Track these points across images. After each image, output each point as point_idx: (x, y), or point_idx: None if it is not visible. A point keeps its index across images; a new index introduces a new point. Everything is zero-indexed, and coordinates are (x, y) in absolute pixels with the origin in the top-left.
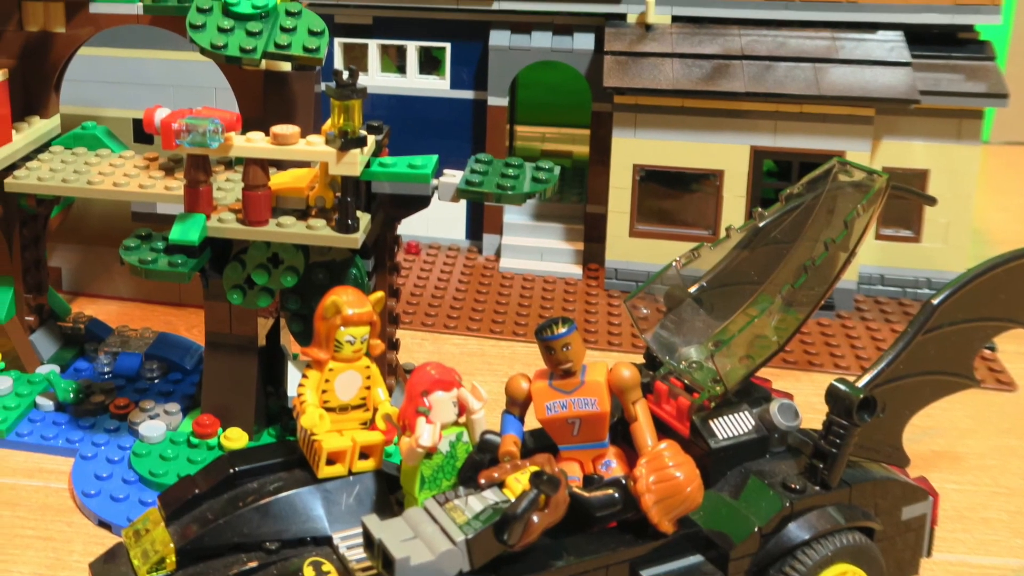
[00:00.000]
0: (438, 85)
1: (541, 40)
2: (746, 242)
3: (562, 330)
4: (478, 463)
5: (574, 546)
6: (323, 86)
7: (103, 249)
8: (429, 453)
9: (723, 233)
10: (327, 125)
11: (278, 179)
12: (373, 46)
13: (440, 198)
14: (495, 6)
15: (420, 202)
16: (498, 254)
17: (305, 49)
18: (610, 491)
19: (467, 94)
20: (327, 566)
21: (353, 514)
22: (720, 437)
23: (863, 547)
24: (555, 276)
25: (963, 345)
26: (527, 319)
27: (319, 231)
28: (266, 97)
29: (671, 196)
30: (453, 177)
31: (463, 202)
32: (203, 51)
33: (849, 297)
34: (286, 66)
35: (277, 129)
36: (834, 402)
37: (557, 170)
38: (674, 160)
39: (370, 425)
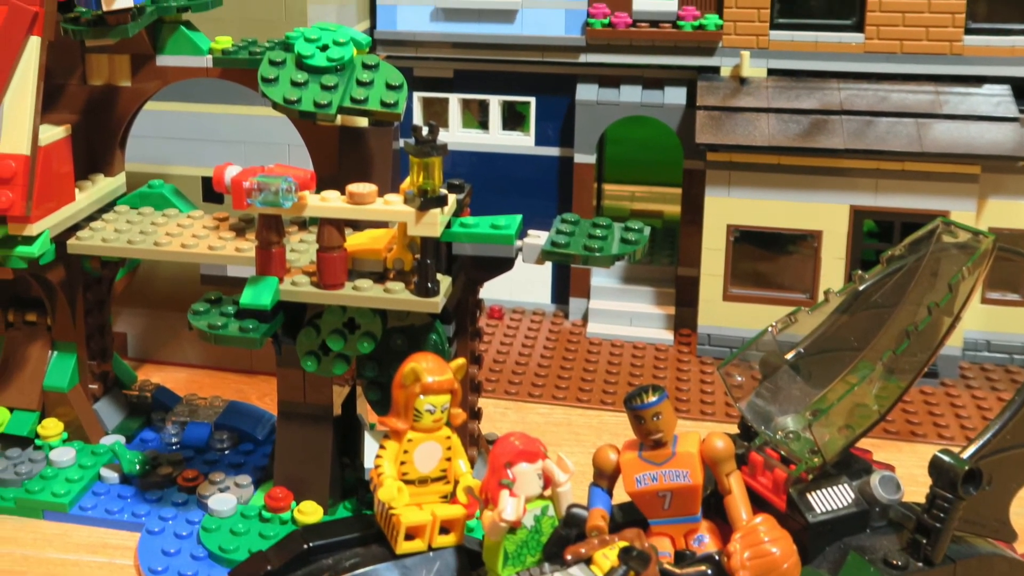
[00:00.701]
0: (522, 141)
1: (630, 94)
2: (845, 306)
3: (652, 398)
4: (564, 538)
5: None
6: (401, 142)
7: (171, 314)
8: (513, 528)
9: (821, 297)
10: (406, 183)
11: (354, 240)
12: (454, 100)
13: (524, 260)
14: (582, 59)
15: (503, 264)
16: (585, 319)
17: (383, 104)
18: (703, 567)
19: (553, 151)
20: None
21: None
22: (818, 511)
23: None
24: (645, 342)
25: None
26: (615, 387)
27: (397, 295)
28: (342, 154)
29: (767, 258)
30: (538, 238)
31: (548, 265)
32: (276, 106)
33: (954, 364)
34: (363, 122)
35: (353, 188)
36: (938, 474)
37: (647, 231)
38: (770, 220)
39: (451, 498)
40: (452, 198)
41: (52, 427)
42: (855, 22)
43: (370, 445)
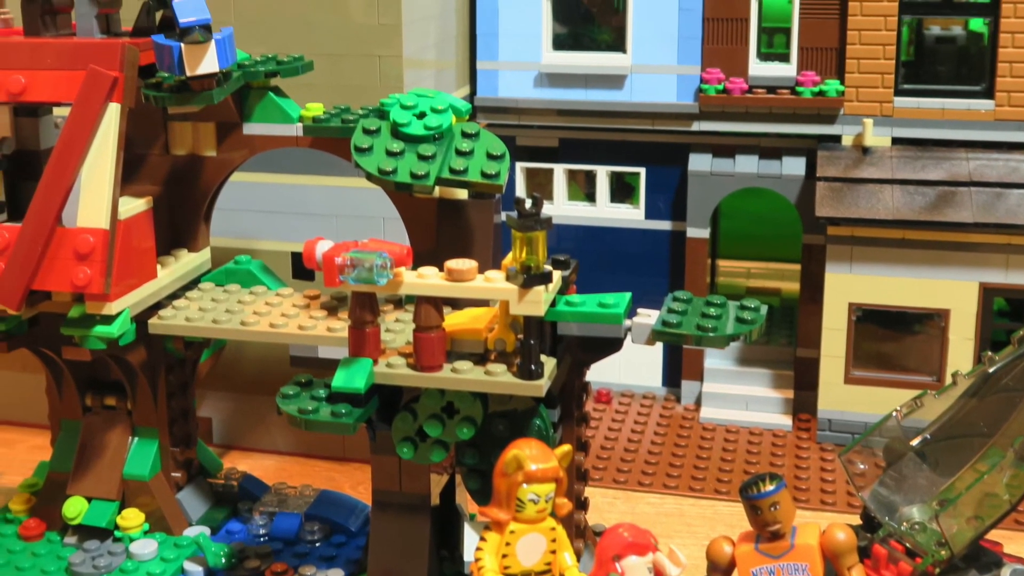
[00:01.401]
0: (631, 214)
1: (746, 164)
2: (974, 390)
3: (770, 487)
4: None
5: None
6: (503, 216)
7: (258, 398)
8: None
9: (949, 379)
10: (508, 259)
11: (453, 319)
12: (559, 171)
13: (634, 341)
14: (695, 127)
15: (611, 345)
16: (698, 403)
17: (483, 175)
18: None
19: (664, 224)
20: None
21: None
22: None
23: None
24: (761, 427)
25: None
26: (730, 475)
27: (499, 377)
28: (440, 228)
29: (891, 338)
30: (648, 317)
31: (659, 345)
32: (370, 177)
33: None
34: (462, 194)
35: (452, 264)
36: None
37: (764, 309)
38: (894, 298)
39: None
40: (557, 275)
41: (132, 518)
42: (984, 88)
43: (470, 537)
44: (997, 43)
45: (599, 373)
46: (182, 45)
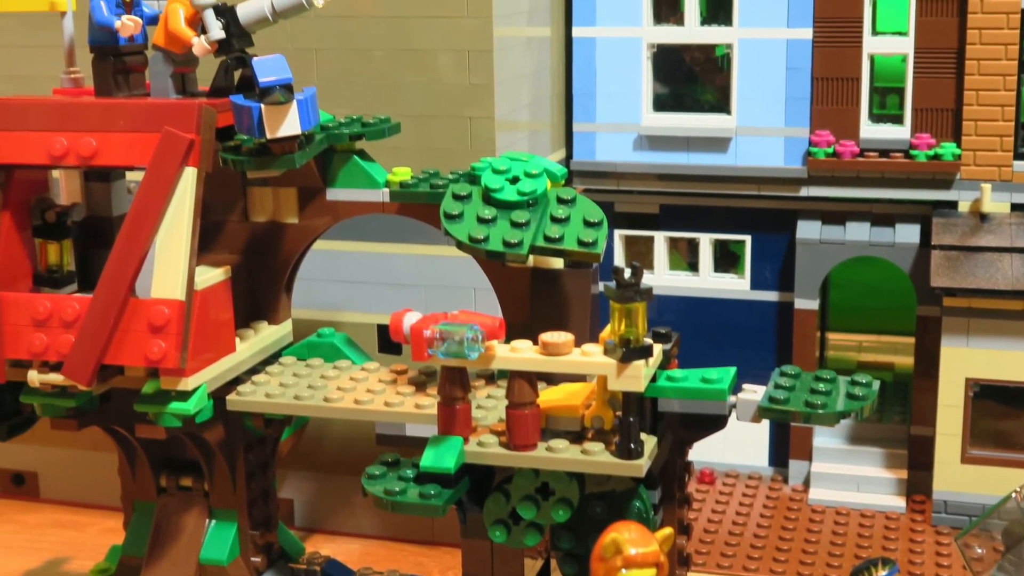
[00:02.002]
0: (736, 285)
1: (857, 232)
2: None
3: (883, 572)
4: None
5: None
6: (601, 286)
7: (342, 478)
8: None
9: None
10: (606, 332)
11: (548, 395)
12: (660, 239)
13: (739, 418)
14: (803, 192)
15: (715, 422)
16: (807, 484)
17: (580, 243)
18: None
19: (770, 295)
20: None
21: None
22: None
23: None
24: (873, 509)
25: None
26: (841, 560)
27: (597, 457)
28: (534, 299)
29: (1011, 415)
30: (754, 393)
31: (766, 423)
32: (460, 245)
33: None
34: (558, 263)
35: (547, 337)
36: None
37: (876, 385)
38: (1014, 373)
39: None
40: (658, 348)
41: None
42: None
43: None
44: None
45: (702, 452)
46: (262, 106)
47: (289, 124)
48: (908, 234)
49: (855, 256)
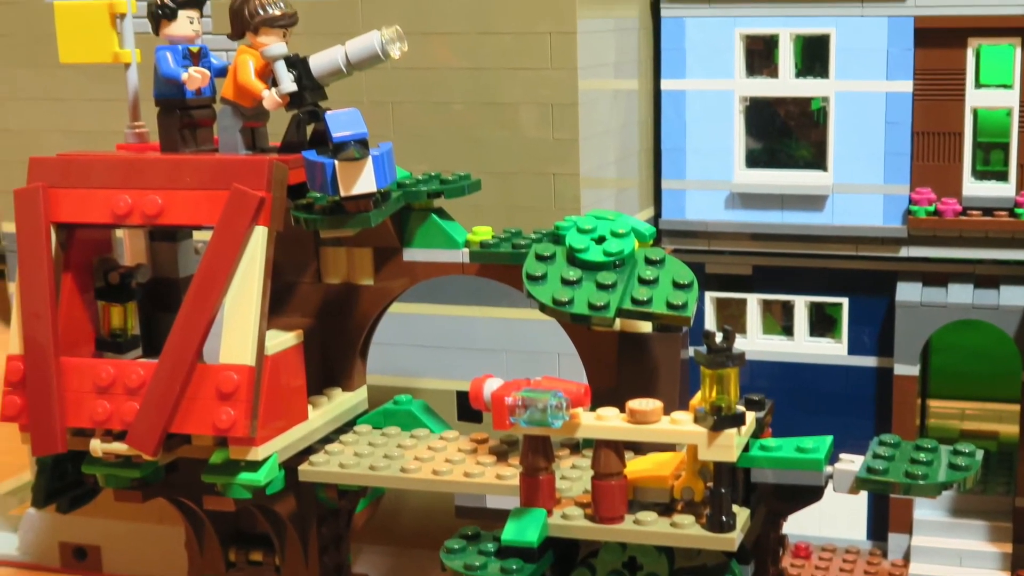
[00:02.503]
0: (833, 349)
1: (960, 294)
2: None
3: None
4: None
5: None
6: (691, 351)
7: (420, 552)
8: None
9: None
10: (696, 399)
11: (636, 466)
12: (753, 301)
13: (836, 489)
14: (903, 252)
15: (811, 494)
16: (907, 558)
17: (669, 305)
18: None
19: (868, 361)
20: None
21: None
22: None
23: None
24: None
25: None
26: None
27: (686, 530)
28: (621, 364)
29: None
30: (851, 463)
31: (864, 494)
32: (543, 308)
33: None
34: (646, 326)
35: (635, 404)
36: None
37: (979, 455)
38: None
39: None
40: (750, 416)
41: None
42: None
43: None
44: None
45: (797, 525)
46: (336, 162)
47: (364, 181)
48: (1013, 296)
49: (958, 319)
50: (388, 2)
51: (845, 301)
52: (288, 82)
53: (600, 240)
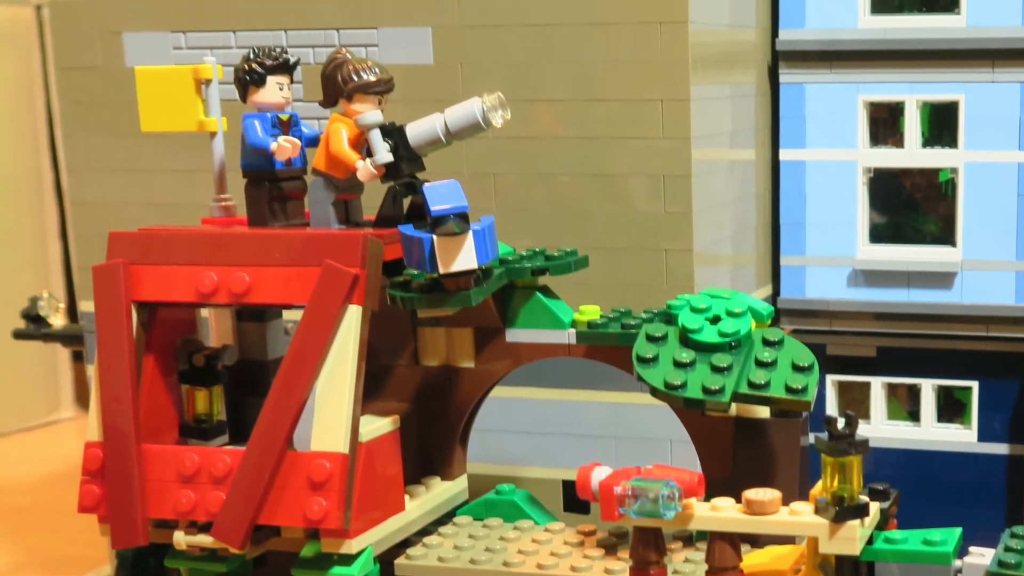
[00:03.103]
0: (962, 436)
1: None
2: None
3: None
4: None
5: None
6: (811, 437)
7: None
8: None
9: None
10: (817, 489)
11: (753, 559)
12: (877, 385)
13: None
14: None
15: None
16: None
17: (788, 389)
18: None
19: (1000, 448)
20: None
21: None
22: None
23: None
24: None
25: None
26: None
27: None
28: (737, 452)
29: None
30: (981, 557)
31: None
32: (655, 392)
33: None
34: (763, 411)
35: (751, 494)
36: None
37: None
38: None
39: None
40: (874, 507)
41: None
42: None
43: None
44: None
45: None
46: (434, 237)
47: (464, 257)
48: None
49: None
50: (490, 67)
51: (975, 385)
52: (384, 152)
53: (715, 320)
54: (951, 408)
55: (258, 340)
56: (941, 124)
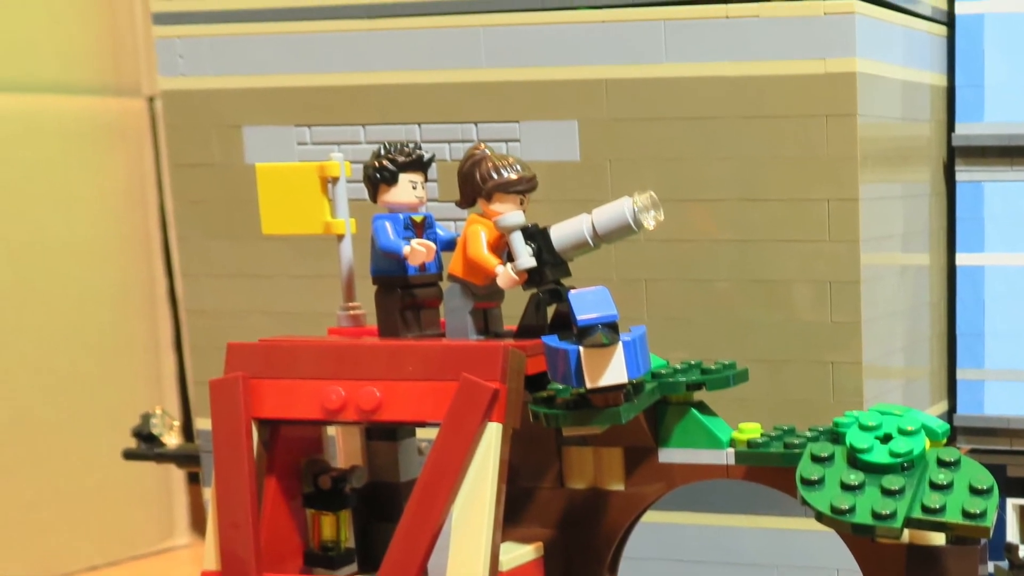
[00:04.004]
0: None
1: None
2: None
3: None
4: None
5: None
6: (991, 566)
7: None
8: None
9: None
10: None
11: None
12: None
13: None
14: None
15: None
16: None
17: (965, 514)
18: None
19: None
20: None
21: None
22: None
23: None
24: None
25: None
26: None
27: None
28: None
29: None
30: None
31: None
32: (820, 517)
33: None
34: (939, 538)
35: None
36: None
37: None
38: None
39: None
40: None
41: None
42: None
43: None
44: None
45: None
46: (581, 348)
47: (614, 371)
48: None
49: None
50: (641, 164)
51: None
52: (526, 256)
53: (886, 439)
54: None
55: (389, 461)
56: None
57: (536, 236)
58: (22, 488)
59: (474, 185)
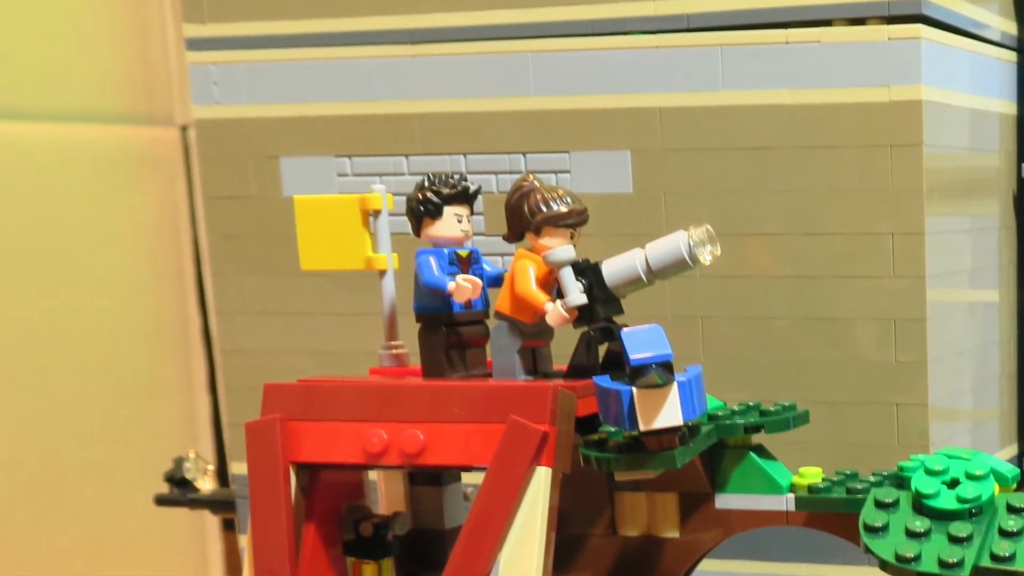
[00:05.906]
0: None
1: None
2: None
3: None
4: None
5: None
6: None
7: None
8: None
9: None
10: None
11: None
12: None
13: None
14: None
15: None
16: None
17: None
18: None
19: None
20: None
21: None
22: None
23: None
24: None
25: None
26: None
27: None
28: None
29: None
30: None
31: None
32: (884, 565)
33: None
34: None
35: None
36: None
37: None
38: None
39: None
40: None
41: None
42: None
43: None
44: None
45: None
46: (634, 389)
47: (668, 413)
48: None
49: None
50: (696, 196)
51: None
52: (576, 293)
53: (953, 484)
54: None
55: (434, 507)
56: None
57: (587, 272)
58: (55, 536)
59: (522, 218)
